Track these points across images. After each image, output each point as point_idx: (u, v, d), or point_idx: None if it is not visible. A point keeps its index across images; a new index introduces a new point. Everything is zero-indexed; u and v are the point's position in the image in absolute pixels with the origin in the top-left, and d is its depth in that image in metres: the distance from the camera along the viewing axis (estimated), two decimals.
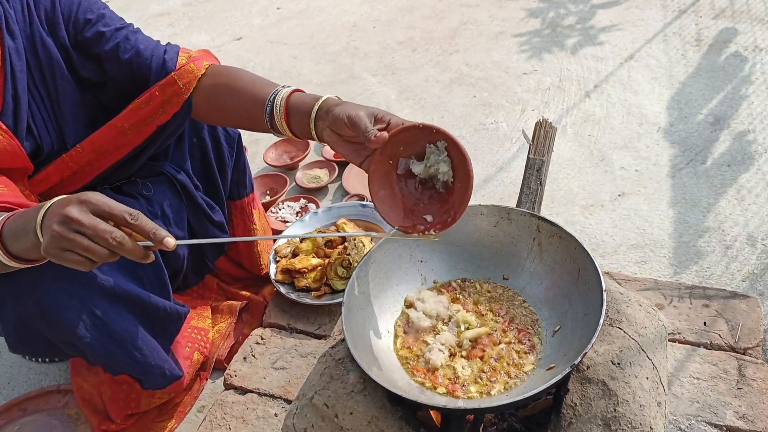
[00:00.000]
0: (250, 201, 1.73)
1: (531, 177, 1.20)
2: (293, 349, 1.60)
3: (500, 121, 2.42)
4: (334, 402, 1.01)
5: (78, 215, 0.87)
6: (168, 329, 1.45)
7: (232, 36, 3.47)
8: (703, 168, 2.01)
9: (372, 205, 1.89)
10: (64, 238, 0.87)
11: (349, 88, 2.79)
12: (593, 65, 2.61)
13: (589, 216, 1.94)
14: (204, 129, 1.56)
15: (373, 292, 1.13)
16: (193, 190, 1.55)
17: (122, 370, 1.38)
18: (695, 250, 1.76)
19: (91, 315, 1.23)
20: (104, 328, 1.26)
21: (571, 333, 1.01)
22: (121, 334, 1.29)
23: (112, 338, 1.28)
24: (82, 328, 1.22)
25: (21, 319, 1.20)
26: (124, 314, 1.31)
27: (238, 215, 1.71)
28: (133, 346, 1.32)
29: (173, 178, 1.52)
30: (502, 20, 3.08)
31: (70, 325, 1.21)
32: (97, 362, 1.36)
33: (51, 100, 1.27)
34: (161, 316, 1.40)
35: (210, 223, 1.61)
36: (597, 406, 0.90)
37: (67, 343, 1.28)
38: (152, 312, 1.37)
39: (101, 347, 1.28)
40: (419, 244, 1.19)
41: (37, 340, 1.28)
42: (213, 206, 1.62)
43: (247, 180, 1.72)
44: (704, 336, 1.41)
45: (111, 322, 1.27)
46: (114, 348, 1.30)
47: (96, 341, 1.26)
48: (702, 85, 2.36)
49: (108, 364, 1.35)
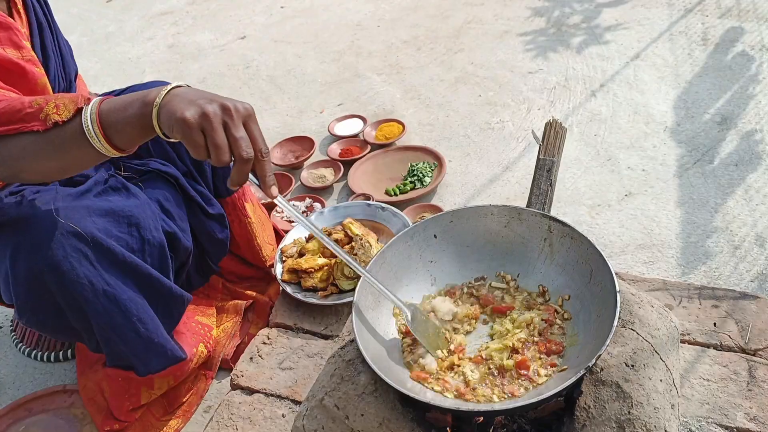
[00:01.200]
0: (240, 195, 1.72)
1: (541, 177, 1.20)
2: (300, 350, 1.60)
3: (506, 121, 2.41)
4: (345, 403, 1.00)
5: (237, 116, 0.90)
6: (170, 311, 1.45)
7: (236, 35, 3.46)
8: (710, 168, 2.00)
9: (378, 205, 1.89)
10: (209, 122, 0.88)
11: (353, 87, 2.79)
12: (599, 64, 2.60)
13: (596, 216, 1.93)
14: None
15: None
16: (184, 181, 1.55)
17: (124, 348, 1.37)
18: (703, 251, 1.75)
19: (102, 280, 1.26)
20: (112, 294, 1.28)
21: (583, 334, 1.00)
22: (127, 304, 1.31)
23: (119, 307, 1.30)
24: (91, 292, 1.25)
25: (33, 275, 1.22)
26: (131, 286, 1.33)
27: (231, 211, 1.70)
28: (138, 319, 1.34)
29: (163, 173, 1.52)
30: (507, 19, 3.07)
31: (82, 286, 1.24)
32: (101, 336, 1.35)
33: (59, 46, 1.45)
34: (165, 295, 1.41)
35: (206, 217, 1.60)
36: (611, 409, 0.89)
37: (76, 310, 1.28)
38: (157, 289, 1.39)
39: (107, 315, 1.29)
40: (429, 245, 1.18)
41: (46, 305, 1.28)
42: (209, 198, 1.61)
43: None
44: (714, 337, 1.40)
45: (119, 290, 1.30)
46: (119, 318, 1.31)
47: (102, 308, 1.28)
48: (709, 85, 2.35)
49: (110, 339, 1.35)
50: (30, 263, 1.22)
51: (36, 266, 1.21)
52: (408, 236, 1.17)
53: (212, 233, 1.62)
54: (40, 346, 1.80)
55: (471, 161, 2.25)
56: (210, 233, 1.62)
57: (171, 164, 1.54)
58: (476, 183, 2.15)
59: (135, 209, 1.37)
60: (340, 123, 2.49)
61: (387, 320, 1.11)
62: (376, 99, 2.69)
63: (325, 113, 2.66)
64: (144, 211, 1.39)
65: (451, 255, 1.19)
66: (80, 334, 1.39)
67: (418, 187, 2.11)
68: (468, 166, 2.23)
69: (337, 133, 2.44)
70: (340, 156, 2.31)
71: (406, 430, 0.97)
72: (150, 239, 1.39)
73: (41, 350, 1.79)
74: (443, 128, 2.44)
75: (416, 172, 2.15)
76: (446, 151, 2.28)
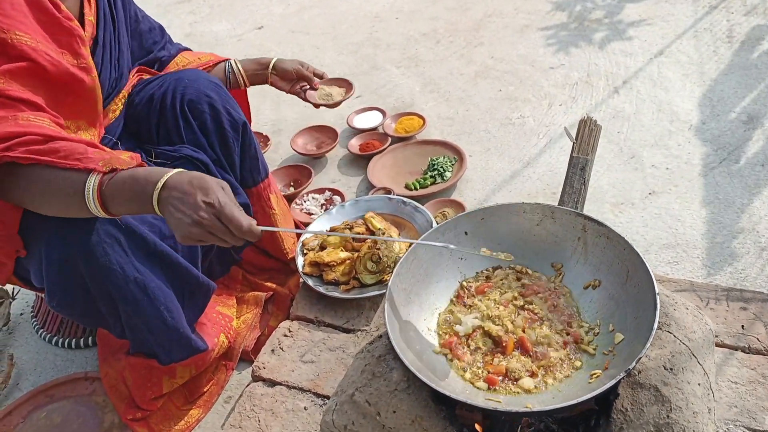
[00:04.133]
0: (266, 186, 1.72)
1: (574, 176, 1.18)
2: (321, 343, 1.59)
3: (526, 116, 2.39)
4: (377, 400, 1.00)
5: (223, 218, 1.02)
6: (196, 300, 1.47)
7: (253, 25, 3.45)
8: (736, 167, 1.98)
9: (400, 199, 1.88)
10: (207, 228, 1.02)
11: (372, 80, 2.77)
12: (622, 60, 2.57)
13: (619, 214, 1.91)
14: (205, 113, 1.56)
15: (414, 288, 1.12)
16: (214, 169, 1.56)
17: (149, 336, 1.38)
18: (729, 251, 1.73)
19: (132, 267, 1.28)
20: (141, 282, 1.30)
21: (619, 335, 0.99)
22: (155, 292, 1.33)
23: (147, 295, 1.31)
24: (122, 278, 1.27)
25: (65, 258, 1.23)
26: (158, 274, 1.34)
27: (255, 201, 1.70)
28: (165, 308, 1.35)
29: (193, 159, 1.51)
30: (528, 13, 3.04)
31: (113, 272, 1.25)
32: (127, 323, 1.37)
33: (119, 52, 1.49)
34: (192, 284, 1.43)
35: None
36: (649, 412, 0.88)
37: (105, 296, 1.30)
38: (184, 278, 1.40)
39: (135, 302, 1.31)
40: (460, 241, 1.17)
41: (76, 290, 1.29)
42: (236, 187, 1.61)
43: (261, 165, 1.70)
44: (742, 339, 1.39)
45: (148, 278, 1.31)
46: (147, 305, 1.32)
47: (131, 295, 1.29)
48: (734, 83, 2.32)
49: (136, 326, 1.36)
50: (64, 247, 1.22)
51: (69, 250, 1.22)
52: (439, 233, 1.16)
53: None
54: (62, 332, 1.81)
55: (491, 156, 2.23)
56: None
57: (201, 151, 1.55)
58: (497, 179, 2.14)
59: None
60: (359, 115, 2.47)
61: (418, 316, 1.11)
62: (394, 92, 2.67)
63: (344, 105, 2.63)
64: None
65: None
66: (107, 319, 1.39)
67: (439, 182, 2.10)
68: (488, 161, 2.22)
69: (356, 126, 2.43)
70: (360, 150, 2.30)
71: (439, 428, 0.96)
72: None
73: (62, 337, 1.80)
74: (463, 122, 2.42)
75: (437, 167, 2.13)
76: (466, 146, 2.26)
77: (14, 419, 1.57)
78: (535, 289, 1.12)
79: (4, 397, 1.69)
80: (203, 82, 1.58)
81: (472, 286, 1.16)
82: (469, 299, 1.13)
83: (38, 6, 1.23)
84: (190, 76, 1.59)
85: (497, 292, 1.15)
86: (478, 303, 1.12)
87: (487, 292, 1.14)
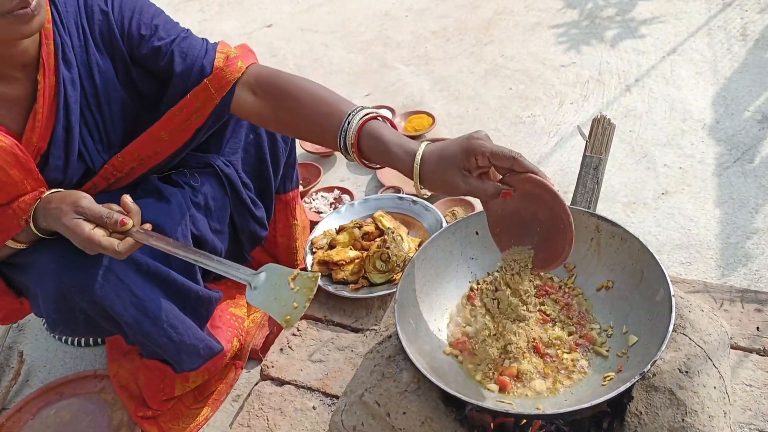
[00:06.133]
0: (295, 196, 1.71)
1: (587, 175, 1.16)
2: (330, 342, 1.59)
3: (537, 115, 2.37)
4: (386, 400, 0.99)
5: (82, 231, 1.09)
6: (198, 312, 1.45)
7: (263, 23, 3.44)
8: (750, 167, 1.95)
9: (410, 198, 1.86)
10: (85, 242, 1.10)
11: (381, 78, 2.76)
12: (634, 59, 2.54)
13: (631, 214, 1.89)
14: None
15: (424, 288, 1.11)
16: (239, 185, 1.52)
17: (158, 350, 1.38)
18: (743, 252, 1.70)
19: (129, 292, 1.26)
20: (140, 305, 1.28)
21: (632, 338, 0.98)
22: (156, 312, 1.31)
23: (148, 316, 1.30)
24: (120, 305, 1.25)
25: (61, 295, 1.21)
26: (157, 293, 1.32)
27: (282, 209, 1.70)
28: (169, 324, 1.33)
29: (221, 172, 1.50)
30: (539, 11, 3.02)
31: (110, 301, 1.23)
32: (135, 340, 1.37)
33: (105, 122, 1.28)
34: (192, 299, 1.41)
35: (252, 218, 1.59)
36: (664, 416, 0.87)
37: (107, 319, 1.29)
38: (183, 294, 1.38)
39: (138, 325, 1.29)
40: (471, 241, 1.16)
41: (77, 318, 1.28)
42: (257, 202, 1.60)
43: (294, 174, 1.70)
44: (757, 342, 1.37)
45: (146, 299, 1.29)
46: (149, 326, 1.30)
47: (133, 319, 1.27)
48: (749, 81, 2.29)
49: (144, 343, 1.36)
50: (58, 285, 1.20)
51: (64, 287, 1.20)
52: (450, 232, 1.15)
53: (253, 232, 1.62)
54: None
55: None
56: (251, 231, 1.61)
57: (232, 167, 1.50)
58: None
59: (161, 215, 1.32)
60: None
61: (428, 317, 1.10)
62: (404, 90, 2.65)
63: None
64: (171, 217, 1.35)
65: (493, 252, 1.16)
66: (114, 332, 1.40)
67: None
68: None
69: None
70: None
71: (449, 430, 0.95)
72: None
73: None
74: (473, 121, 2.40)
75: None
76: None
77: (24, 416, 1.58)
78: (547, 290, 1.11)
79: (14, 394, 1.70)
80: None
81: (484, 286, 1.15)
82: (479, 300, 1.12)
83: None
84: None
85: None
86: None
87: None
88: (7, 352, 1.82)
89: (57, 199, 1.14)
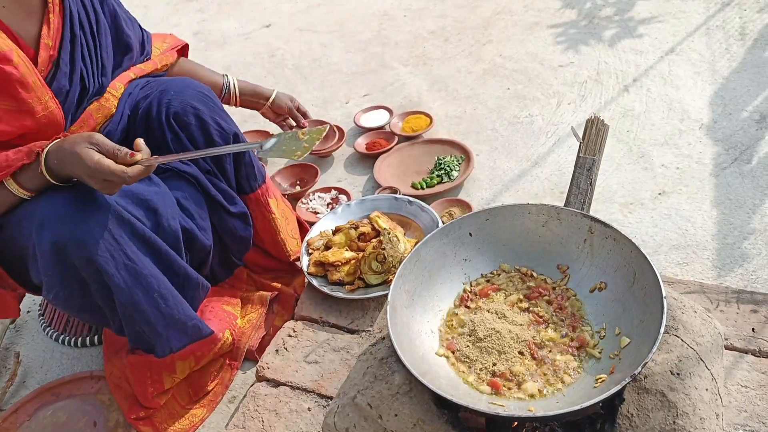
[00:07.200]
0: (264, 191, 1.70)
1: (581, 176, 1.16)
2: (326, 344, 1.59)
3: (535, 115, 2.37)
4: (378, 403, 0.99)
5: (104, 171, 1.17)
6: (185, 293, 1.46)
7: (261, 23, 3.44)
8: (748, 167, 1.94)
9: (406, 199, 1.86)
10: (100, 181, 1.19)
11: (379, 78, 2.75)
12: (632, 58, 2.54)
13: (628, 214, 1.89)
14: (192, 125, 1.52)
15: (417, 290, 1.11)
16: (204, 180, 1.54)
17: (144, 327, 1.38)
18: (740, 253, 1.70)
19: (123, 254, 1.29)
20: (132, 268, 1.31)
21: (625, 339, 0.98)
22: (148, 279, 1.34)
23: (140, 282, 1.32)
24: (113, 266, 1.28)
25: (57, 248, 1.24)
26: (150, 262, 1.35)
27: (255, 207, 1.69)
28: (159, 294, 1.36)
29: (182, 173, 1.51)
30: (537, 11, 3.01)
31: (103, 260, 1.27)
32: (122, 314, 1.37)
33: (99, 48, 1.45)
34: (180, 276, 1.43)
35: (229, 216, 1.60)
36: (655, 418, 0.87)
37: (100, 285, 1.31)
38: (173, 269, 1.41)
39: (128, 290, 1.31)
40: (464, 243, 1.16)
41: (71, 278, 1.30)
42: (232, 197, 1.61)
43: (256, 171, 1.68)
44: (752, 342, 1.37)
45: (140, 265, 1.32)
46: (140, 293, 1.33)
47: (124, 282, 1.30)
48: (747, 81, 2.28)
49: (131, 316, 1.36)
50: (54, 236, 1.23)
51: (60, 239, 1.23)
52: (443, 234, 1.15)
53: (234, 231, 1.62)
54: (68, 330, 1.81)
55: (499, 155, 2.21)
56: (232, 231, 1.61)
57: (192, 163, 1.53)
58: (504, 178, 2.12)
59: (154, 196, 1.40)
60: (366, 114, 2.46)
61: (421, 318, 1.10)
62: (402, 90, 2.65)
63: (351, 104, 2.63)
64: (163, 200, 1.42)
65: (487, 254, 1.17)
66: (105, 314, 1.40)
67: (445, 181, 2.08)
68: (496, 160, 2.20)
69: (363, 125, 2.42)
70: (367, 148, 2.29)
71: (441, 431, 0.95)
72: (166, 227, 1.41)
73: (69, 335, 1.81)
74: (471, 121, 2.40)
75: (443, 166, 2.12)
76: (474, 145, 2.25)
77: (20, 417, 1.58)
78: (540, 291, 1.11)
79: (10, 395, 1.70)
80: (190, 92, 1.53)
81: (477, 288, 1.15)
82: (473, 302, 1.12)
83: None
84: (176, 87, 1.54)
85: (502, 294, 1.13)
86: (482, 305, 1.10)
87: (491, 294, 1.13)
88: (4, 354, 1.82)
89: (71, 137, 1.24)
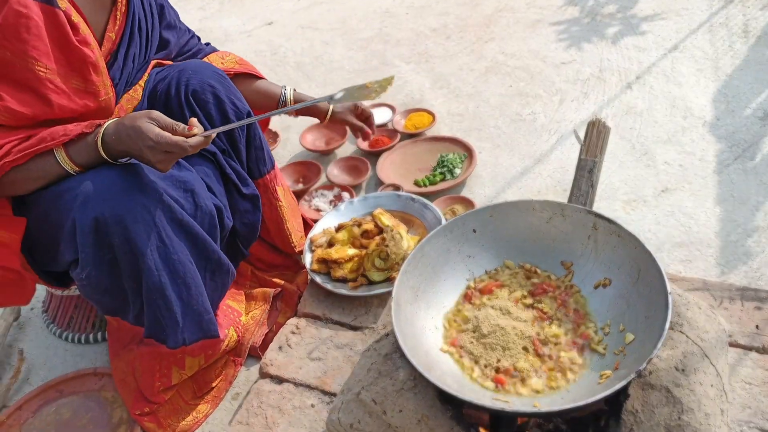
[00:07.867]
0: (272, 178, 1.72)
1: (582, 178, 1.16)
2: (329, 340, 1.59)
3: (537, 112, 2.37)
4: (383, 399, 0.99)
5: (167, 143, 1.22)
6: (217, 280, 1.49)
7: (263, 20, 3.44)
8: (751, 164, 1.94)
9: (408, 196, 1.86)
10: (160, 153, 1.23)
11: (381, 75, 2.74)
12: (635, 56, 2.54)
13: (631, 211, 1.89)
14: (210, 103, 1.56)
15: (421, 286, 1.11)
16: (222, 158, 1.58)
17: (163, 313, 1.39)
18: (744, 250, 1.70)
19: (158, 237, 1.32)
20: (164, 253, 1.34)
21: (629, 335, 0.97)
22: (176, 264, 1.36)
23: (168, 266, 1.35)
24: (147, 246, 1.31)
25: (98, 224, 1.27)
26: (183, 247, 1.38)
27: (263, 193, 1.70)
28: (183, 282, 1.39)
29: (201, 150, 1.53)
30: (540, 8, 3.01)
31: (141, 238, 1.30)
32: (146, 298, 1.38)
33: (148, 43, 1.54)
34: (213, 262, 1.46)
35: (240, 197, 1.62)
36: (660, 414, 0.87)
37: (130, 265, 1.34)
38: (207, 254, 1.44)
39: (156, 273, 1.34)
40: (468, 239, 1.16)
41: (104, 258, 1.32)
42: (245, 178, 1.63)
43: (266, 156, 1.71)
44: (756, 339, 1.36)
45: (171, 250, 1.35)
46: (166, 276, 1.35)
47: (154, 264, 1.33)
48: (750, 78, 2.28)
49: (154, 301, 1.38)
50: (97, 212, 1.26)
51: (102, 215, 1.26)
52: (447, 230, 1.15)
53: (244, 213, 1.63)
54: (72, 327, 1.82)
55: (501, 153, 2.21)
56: (242, 213, 1.63)
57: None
58: (507, 175, 2.12)
59: (190, 176, 1.44)
60: None
61: (425, 314, 1.10)
62: (404, 88, 2.65)
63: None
64: (197, 181, 1.46)
65: (490, 250, 1.17)
66: (127, 299, 1.41)
67: (448, 179, 2.08)
68: (498, 157, 2.20)
69: None
70: (370, 146, 2.29)
71: (445, 428, 0.95)
72: (203, 206, 1.44)
73: (72, 331, 1.81)
74: (473, 119, 2.40)
75: (446, 163, 2.12)
76: (476, 142, 2.24)
77: (24, 414, 1.59)
78: (544, 287, 1.11)
79: (14, 392, 1.70)
80: (207, 72, 1.58)
81: (481, 284, 1.15)
82: (477, 298, 1.12)
83: (56, 29, 1.24)
84: (194, 66, 1.59)
85: (506, 290, 1.13)
86: (487, 302, 1.10)
87: (495, 290, 1.13)
88: (8, 350, 1.82)
89: (130, 114, 1.28)
